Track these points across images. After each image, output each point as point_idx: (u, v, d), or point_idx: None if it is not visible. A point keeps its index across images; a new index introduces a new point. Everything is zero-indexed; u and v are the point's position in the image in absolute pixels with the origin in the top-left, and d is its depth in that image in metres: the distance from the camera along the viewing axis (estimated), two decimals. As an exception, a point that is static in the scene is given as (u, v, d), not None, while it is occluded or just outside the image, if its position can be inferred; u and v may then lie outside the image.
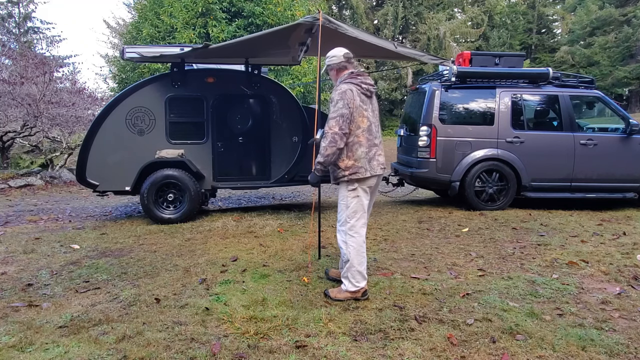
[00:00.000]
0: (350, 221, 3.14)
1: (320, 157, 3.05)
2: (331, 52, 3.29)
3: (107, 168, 6.13)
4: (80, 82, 17.08)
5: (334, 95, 3.08)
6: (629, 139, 6.60)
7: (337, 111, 3.02)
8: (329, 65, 3.29)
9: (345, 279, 3.21)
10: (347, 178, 3.09)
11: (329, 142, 3.00)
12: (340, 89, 3.07)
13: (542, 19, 33.85)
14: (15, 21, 26.99)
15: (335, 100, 3.06)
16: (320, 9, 5.38)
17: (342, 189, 3.17)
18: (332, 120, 3.03)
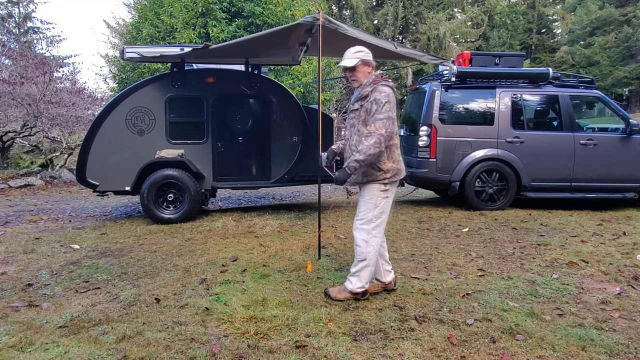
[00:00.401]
0: (376, 221, 3.11)
1: (360, 154, 2.94)
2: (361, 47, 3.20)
3: (107, 168, 6.13)
4: (80, 82, 17.10)
5: (378, 96, 3.00)
6: (629, 139, 6.60)
7: (384, 113, 2.97)
8: (365, 60, 3.14)
9: (354, 277, 3.16)
10: (388, 180, 3.08)
11: (374, 142, 2.92)
12: (384, 91, 3.02)
13: (542, 19, 33.85)
14: (15, 21, 26.99)
15: (382, 101, 2.99)
16: (320, 9, 5.38)
17: (371, 189, 3.11)
18: (379, 121, 2.96)
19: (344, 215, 6.58)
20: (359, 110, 3.11)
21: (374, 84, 3.07)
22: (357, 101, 3.14)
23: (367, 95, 3.05)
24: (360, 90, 3.12)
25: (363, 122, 3.08)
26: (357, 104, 3.14)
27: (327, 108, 17.49)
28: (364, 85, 3.10)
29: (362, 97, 3.09)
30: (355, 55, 3.14)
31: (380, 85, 3.05)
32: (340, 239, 5.10)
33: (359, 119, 3.11)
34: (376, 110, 2.98)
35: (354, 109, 3.16)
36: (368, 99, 3.04)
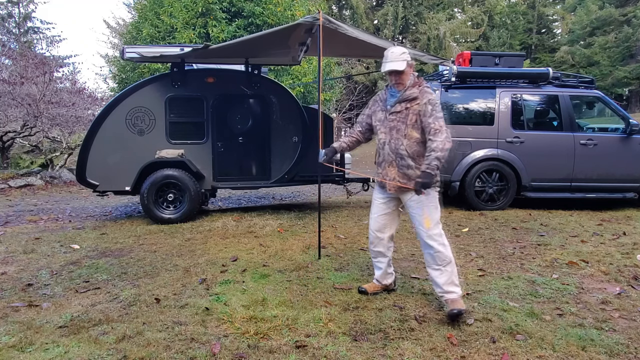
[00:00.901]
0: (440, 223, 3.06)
1: (438, 151, 2.82)
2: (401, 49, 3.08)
3: (107, 168, 6.13)
4: (80, 82, 17.11)
5: (432, 97, 2.96)
6: (629, 139, 6.60)
7: (440, 112, 2.95)
8: (410, 62, 3.04)
9: (453, 285, 2.96)
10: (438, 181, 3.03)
11: (446, 137, 2.84)
12: (433, 92, 3.03)
13: (542, 19, 33.84)
14: (15, 21, 26.99)
15: (436, 102, 2.97)
16: (320, 9, 5.38)
17: (434, 192, 3.03)
18: (441, 119, 2.91)
19: (344, 215, 6.58)
20: (404, 112, 3.00)
21: (418, 85, 3.01)
22: (400, 103, 3.02)
23: (416, 97, 2.97)
24: (403, 92, 3.02)
25: (413, 125, 2.97)
26: (400, 106, 3.02)
27: (327, 108, 17.49)
28: (408, 87, 3.01)
29: (409, 99, 2.99)
30: (402, 57, 3.01)
31: (426, 87, 3.03)
32: (340, 239, 5.10)
33: (406, 122, 2.99)
34: (433, 109, 2.91)
35: (396, 111, 3.03)
36: (418, 101, 2.96)
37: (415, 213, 3.04)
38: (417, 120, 2.95)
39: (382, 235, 3.23)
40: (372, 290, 3.35)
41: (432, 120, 2.88)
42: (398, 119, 3.02)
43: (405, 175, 3.02)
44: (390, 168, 3.08)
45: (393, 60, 3.01)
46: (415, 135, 2.97)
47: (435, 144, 2.82)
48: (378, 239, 3.25)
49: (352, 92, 24.23)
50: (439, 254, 2.95)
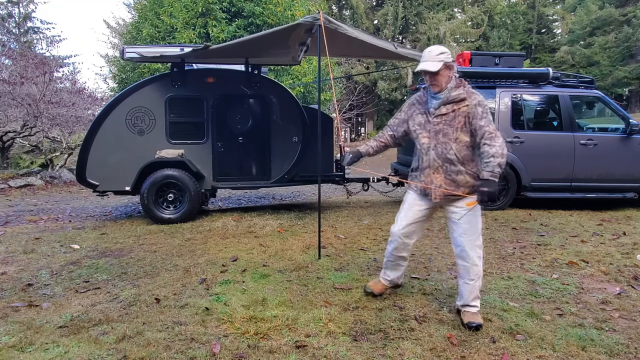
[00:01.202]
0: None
1: (500, 158, 2.66)
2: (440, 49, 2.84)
3: (107, 168, 6.13)
4: (80, 82, 17.12)
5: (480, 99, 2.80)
6: (629, 139, 6.60)
7: (489, 115, 2.80)
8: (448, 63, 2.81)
9: (477, 299, 2.87)
10: None
11: (503, 142, 2.72)
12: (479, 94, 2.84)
13: (542, 19, 33.83)
14: (15, 21, 26.99)
15: (485, 103, 2.82)
16: (320, 9, 5.39)
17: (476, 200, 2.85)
18: (492, 123, 2.78)
19: (344, 215, 6.58)
20: (450, 115, 2.79)
21: (462, 86, 2.83)
22: (446, 105, 2.81)
23: (464, 98, 2.78)
24: (448, 93, 2.81)
25: (461, 128, 2.77)
26: (446, 108, 2.81)
27: (327, 108, 17.50)
28: (450, 88, 2.81)
29: (455, 101, 2.79)
30: (439, 58, 2.79)
31: (470, 88, 2.86)
32: (340, 239, 5.10)
33: (453, 124, 2.79)
34: (483, 112, 2.75)
35: (441, 113, 2.82)
36: (466, 102, 2.77)
37: (462, 222, 2.83)
38: (465, 123, 2.77)
39: (409, 241, 3.08)
40: (379, 290, 3.27)
41: (484, 123, 2.72)
42: (444, 122, 2.81)
43: (454, 182, 2.82)
44: (435, 174, 2.86)
45: (427, 60, 2.80)
46: (464, 138, 2.78)
47: (495, 149, 2.66)
48: (405, 244, 3.08)
49: (352, 92, 24.23)
50: (475, 267, 2.82)
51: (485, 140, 2.70)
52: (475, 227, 2.83)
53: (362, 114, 28.46)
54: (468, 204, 2.83)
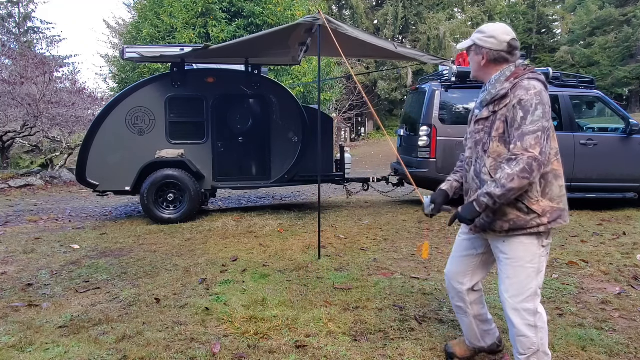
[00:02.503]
0: (540, 292, 2.03)
1: (497, 187, 1.90)
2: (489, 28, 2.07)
3: (107, 168, 6.14)
4: (80, 82, 17.12)
5: (523, 95, 1.91)
6: (629, 139, 6.60)
7: (537, 122, 1.87)
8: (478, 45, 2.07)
9: None
10: (545, 228, 1.97)
11: (520, 170, 1.85)
12: (535, 87, 1.92)
13: (542, 19, 33.83)
14: (15, 21, 27.00)
15: (532, 104, 1.89)
16: (320, 9, 5.39)
17: (528, 246, 1.99)
18: (529, 136, 1.87)
19: (344, 215, 6.58)
20: (491, 119, 2.03)
21: (514, 77, 2.00)
22: (488, 105, 2.06)
23: (506, 95, 1.97)
24: (489, 87, 2.07)
25: (500, 137, 1.98)
26: (487, 110, 2.05)
27: (327, 108, 17.49)
28: (495, 81, 2.06)
29: (497, 99, 2.01)
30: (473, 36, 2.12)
31: (527, 79, 1.96)
32: (340, 239, 5.10)
33: (490, 133, 2.02)
34: (523, 117, 1.89)
35: (482, 117, 2.08)
36: (507, 100, 1.97)
37: (500, 267, 2.09)
38: (505, 131, 1.98)
39: (458, 286, 2.27)
40: (462, 354, 2.42)
41: (517, 134, 1.90)
42: (484, 129, 2.07)
43: (502, 215, 2.03)
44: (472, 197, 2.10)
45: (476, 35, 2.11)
46: (503, 151, 1.98)
47: (501, 175, 1.90)
48: (454, 289, 2.30)
49: (352, 92, 24.24)
50: (524, 339, 2.01)
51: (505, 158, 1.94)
52: (524, 283, 1.99)
53: (362, 114, 28.47)
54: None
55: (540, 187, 1.99)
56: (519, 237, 1.99)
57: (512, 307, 2.03)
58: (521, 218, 1.97)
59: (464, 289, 2.26)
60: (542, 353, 2.03)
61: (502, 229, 2.00)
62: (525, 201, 1.96)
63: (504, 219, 2.00)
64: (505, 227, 1.99)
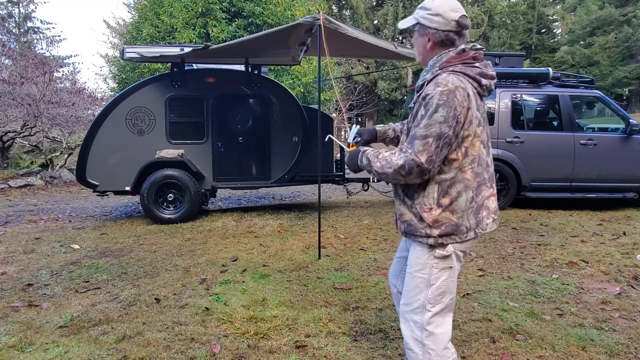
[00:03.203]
0: (433, 309, 1.80)
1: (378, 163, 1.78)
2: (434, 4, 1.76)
3: (107, 168, 6.14)
4: (80, 82, 17.14)
5: (429, 90, 1.69)
6: (629, 139, 6.60)
7: (431, 126, 1.65)
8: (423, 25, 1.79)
9: None
10: (434, 241, 1.76)
11: (399, 166, 1.69)
12: (447, 84, 1.67)
13: (542, 19, 33.84)
14: (15, 21, 27.00)
15: (433, 103, 1.65)
16: (320, 9, 5.39)
17: (419, 254, 1.82)
18: (419, 140, 1.66)
19: (344, 215, 6.58)
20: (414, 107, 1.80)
21: (440, 67, 1.76)
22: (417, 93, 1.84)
23: (423, 85, 1.80)
24: (425, 74, 1.85)
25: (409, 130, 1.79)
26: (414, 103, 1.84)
27: (327, 108, 17.49)
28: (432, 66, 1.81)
29: (418, 89, 1.83)
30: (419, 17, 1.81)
31: (446, 73, 1.71)
32: (340, 239, 5.10)
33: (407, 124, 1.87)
34: (422, 116, 1.69)
35: (411, 106, 1.88)
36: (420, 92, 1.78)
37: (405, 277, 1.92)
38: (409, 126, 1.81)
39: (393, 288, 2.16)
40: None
41: (411, 133, 1.72)
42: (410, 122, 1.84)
43: (400, 215, 1.88)
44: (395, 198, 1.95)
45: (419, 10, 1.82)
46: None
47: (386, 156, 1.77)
48: (393, 291, 2.18)
49: (352, 92, 24.24)
50: (410, 352, 1.86)
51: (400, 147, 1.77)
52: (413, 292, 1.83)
53: (362, 114, 28.47)
54: None
55: (436, 194, 1.74)
56: (413, 242, 1.85)
57: (402, 315, 1.90)
58: (414, 223, 1.80)
59: (395, 292, 2.14)
60: None
61: (401, 229, 1.90)
62: (418, 206, 1.77)
63: (402, 219, 1.86)
64: (402, 228, 1.87)
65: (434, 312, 1.80)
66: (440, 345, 1.81)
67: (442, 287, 1.80)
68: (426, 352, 1.81)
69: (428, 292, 1.80)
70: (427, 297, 1.79)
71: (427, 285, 1.80)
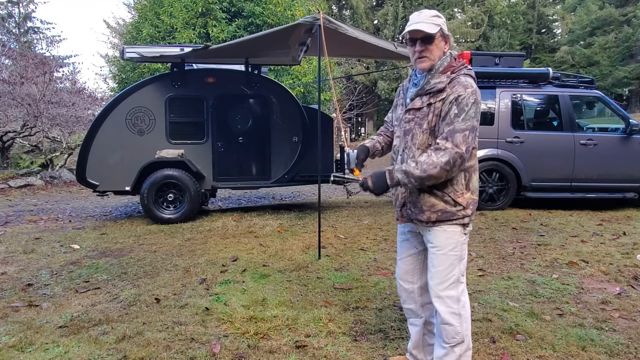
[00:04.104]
0: (463, 279, 2.07)
1: (417, 169, 1.91)
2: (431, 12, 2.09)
3: (107, 168, 6.14)
4: (80, 82, 17.14)
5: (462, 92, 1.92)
6: (629, 139, 6.60)
7: (467, 120, 1.90)
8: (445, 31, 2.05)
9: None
10: (469, 219, 2.05)
11: (445, 162, 1.88)
12: (472, 85, 1.95)
13: (542, 19, 33.83)
14: (15, 21, 27.00)
15: (467, 102, 1.91)
16: (320, 9, 5.39)
17: (451, 234, 2.03)
18: (459, 134, 1.89)
19: (344, 215, 6.58)
20: (424, 110, 2.01)
21: (450, 71, 1.99)
22: (422, 96, 2.03)
23: (443, 89, 1.97)
24: (427, 80, 2.02)
25: (431, 130, 2.00)
26: (420, 101, 2.03)
27: (327, 108, 17.49)
28: (434, 73, 2.02)
29: (433, 92, 1.99)
30: (434, 21, 2.02)
31: (463, 76, 1.97)
32: (340, 239, 5.10)
33: (425, 126, 2.01)
34: (456, 115, 1.91)
35: (414, 107, 2.04)
36: (443, 95, 1.96)
37: (428, 257, 2.11)
38: (437, 124, 1.99)
39: (408, 286, 2.25)
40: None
41: (447, 129, 1.92)
42: (415, 120, 2.04)
43: (415, 203, 2.07)
44: (400, 189, 2.14)
45: (420, 22, 2.01)
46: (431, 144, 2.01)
47: (424, 159, 1.92)
48: (405, 291, 2.27)
49: (352, 92, 24.23)
50: (449, 327, 2.04)
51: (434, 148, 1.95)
52: (448, 270, 2.03)
53: (362, 114, 28.47)
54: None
55: (464, 181, 2.04)
56: (442, 226, 2.04)
57: (436, 295, 2.06)
58: (449, 210, 2.02)
59: (415, 288, 2.26)
60: (466, 346, 2.07)
61: (430, 219, 2.04)
62: (452, 194, 2.01)
63: (432, 210, 2.03)
64: (433, 217, 2.03)
65: (463, 281, 2.08)
66: (468, 311, 2.10)
67: (466, 259, 2.11)
68: (462, 321, 2.04)
69: (460, 265, 2.06)
70: (460, 271, 2.06)
71: (460, 260, 2.06)
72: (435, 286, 2.05)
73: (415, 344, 2.34)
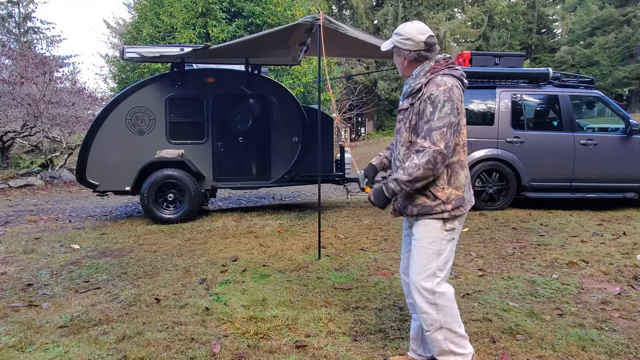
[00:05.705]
0: (441, 274, 2.15)
1: (405, 174, 2.06)
2: (405, 30, 2.19)
3: (107, 168, 6.14)
4: (80, 82, 17.15)
5: (434, 91, 2.05)
6: (629, 139, 6.60)
7: (443, 118, 2.02)
8: (398, 47, 2.21)
9: (446, 356, 2.21)
10: (448, 214, 2.11)
11: (425, 162, 2.01)
12: (445, 83, 2.07)
13: (542, 19, 33.82)
14: (15, 21, 26.99)
15: (440, 100, 2.03)
16: (320, 9, 5.39)
17: (431, 229, 2.14)
18: (436, 132, 2.01)
19: (344, 215, 6.58)
20: (409, 110, 2.18)
21: (431, 72, 2.14)
22: (407, 97, 2.20)
23: (420, 88, 2.12)
24: (411, 82, 2.19)
25: (413, 129, 2.15)
26: (407, 102, 2.20)
27: (327, 108, 17.50)
28: (415, 76, 2.18)
29: (414, 92, 2.15)
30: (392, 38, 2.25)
31: (442, 76, 2.11)
32: (340, 239, 5.10)
33: (407, 124, 2.17)
34: (432, 112, 2.04)
35: (403, 108, 2.23)
36: (420, 94, 2.11)
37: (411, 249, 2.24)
38: (417, 123, 2.13)
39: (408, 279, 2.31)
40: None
41: (425, 128, 2.06)
42: (403, 120, 2.22)
43: (412, 200, 2.18)
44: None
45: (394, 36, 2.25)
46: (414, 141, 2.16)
47: (408, 164, 2.06)
48: (407, 285, 2.34)
49: (352, 92, 24.23)
50: (426, 316, 2.17)
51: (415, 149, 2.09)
52: (425, 262, 2.14)
53: (362, 114, 28.46)
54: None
55: (446, 176, 2.13)
56: (424, 220, 2.16)
57: (414, 286, 2.18)
58: (427, 204, 2.13)
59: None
60: (447, 330, 2.16)
61: (412, 213, 2.18)
62: (432, 188, 2.12)
63: (413, 204, 2.16)
64: (415, 211, 2.16)
65: (441, 277, 2.15)
66: (449, 301, 2.16)
67: (447, 256, 2.17)
68: (439, 309, 2.14)
69: (438, 260, 2.15)
70: (438, 265, 2.14)
71: (438, 255, 2.15)
72: (413, 277, 2.18)
73: (414, 338, 2.43)
